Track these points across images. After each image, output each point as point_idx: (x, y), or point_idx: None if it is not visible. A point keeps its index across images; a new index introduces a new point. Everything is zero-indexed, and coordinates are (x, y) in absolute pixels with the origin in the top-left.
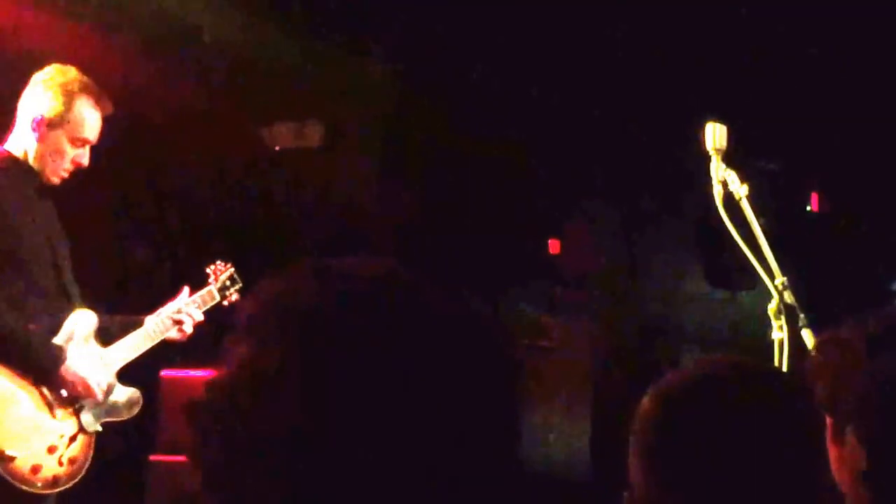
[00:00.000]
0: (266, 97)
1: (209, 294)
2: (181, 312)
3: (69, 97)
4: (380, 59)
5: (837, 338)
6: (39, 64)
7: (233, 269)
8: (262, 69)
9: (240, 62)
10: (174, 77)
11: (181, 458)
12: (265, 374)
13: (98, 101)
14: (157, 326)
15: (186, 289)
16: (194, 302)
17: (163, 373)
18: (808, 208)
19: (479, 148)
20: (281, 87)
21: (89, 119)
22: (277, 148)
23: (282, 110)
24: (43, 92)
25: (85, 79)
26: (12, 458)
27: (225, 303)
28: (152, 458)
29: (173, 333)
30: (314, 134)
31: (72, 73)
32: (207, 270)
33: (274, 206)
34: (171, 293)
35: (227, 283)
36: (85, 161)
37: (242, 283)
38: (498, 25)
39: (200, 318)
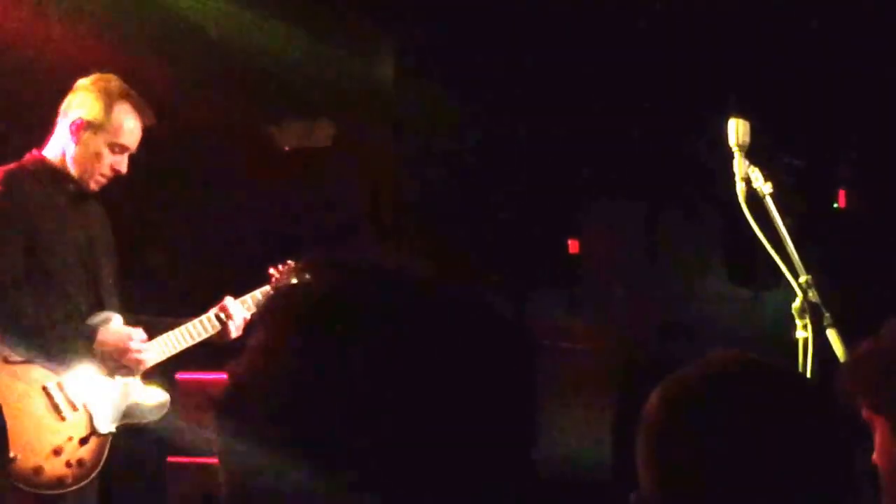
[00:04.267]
0: (275, 96)
1: (263, 294)
2: (226, 310)
3: (109, 102)
4: (391, 58)
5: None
6: (45, 70)
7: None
8: (270, 67)
9: (248, 61)
10: (181, 76)
11: (199, 459)
12: (271, 360)
13: (138, 110)
14: (198, 328)
15: (229, 297)
16: (243, 302)
17: (178, 375)
18: (835, 205)
19: (493, 147)
20: (290, 86)
21: (128, 125)
22: (287, 147)
23: (291, 109)
24: (84, 96)
25: (127, 87)
26: (13, 459)
27: None
28: (170, 459)
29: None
30: (324, 133)
31: (114, 80)
32: (270, 271)
33: (283, 205)
34: (182, 295)
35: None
36: (123, 168)
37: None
38: (512, 20)
39: (247, 316)
